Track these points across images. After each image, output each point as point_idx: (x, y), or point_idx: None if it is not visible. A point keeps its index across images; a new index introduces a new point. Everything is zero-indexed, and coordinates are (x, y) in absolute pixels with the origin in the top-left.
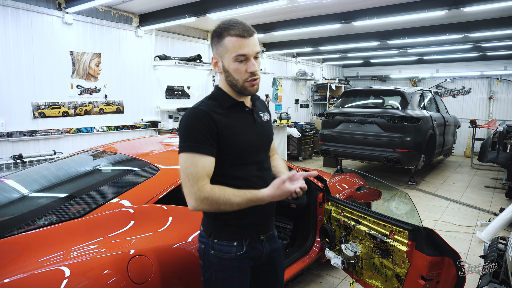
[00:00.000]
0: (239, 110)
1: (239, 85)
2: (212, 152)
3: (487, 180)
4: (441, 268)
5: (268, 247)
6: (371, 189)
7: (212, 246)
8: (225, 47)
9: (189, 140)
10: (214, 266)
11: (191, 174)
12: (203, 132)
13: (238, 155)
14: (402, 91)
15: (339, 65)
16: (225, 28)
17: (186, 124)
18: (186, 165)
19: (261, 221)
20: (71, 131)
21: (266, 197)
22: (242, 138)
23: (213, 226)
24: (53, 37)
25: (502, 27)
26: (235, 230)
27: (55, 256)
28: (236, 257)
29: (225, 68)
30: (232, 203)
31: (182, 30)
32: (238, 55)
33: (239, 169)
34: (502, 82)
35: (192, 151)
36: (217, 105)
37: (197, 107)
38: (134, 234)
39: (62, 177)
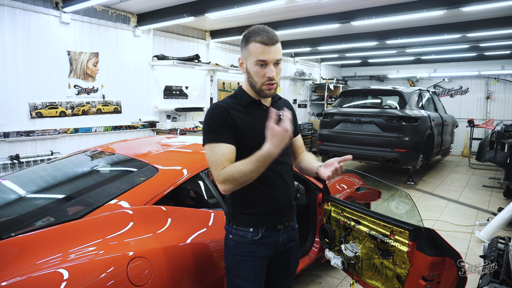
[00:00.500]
0: (256, 107)
1: (257, 87)
2: (231, 141)
3: (485, 179)
4: (442, 269)
5: (286, 237)
6: (371, 189)
7: (231, 231)
8: (249, 51)
9: (209, 132)
10: (231, 250)
11: (213, 163)
12: (220, 124)
13: (252, 148)
14: (400, 91)
15: (337, 65)
16: (252, 34)
17: (206, 119)
18: (209, 155)
19: (276, 211)
20: (69, 131)
21: (267, 149)
22: (255, 133)
23: (232, 214)
24: (50, 37)
25: (500, 27)
26: (250, 218)
27: (53, 258)
28: (251, 241)
29: (247, 70)
30: (245, 172)
31: (180, 29)
32: (259, 60)
33: None
34: (500, 82)
35: (212, 141)
36: (236, 102)
37: (216, 104)
38: (133, 236)
39: (59, 178)
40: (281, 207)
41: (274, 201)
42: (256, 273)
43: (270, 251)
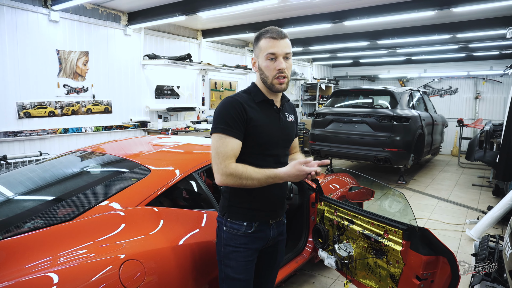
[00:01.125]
0: (268, 107)
1: (268, 81)
2: (240, 137)
3: (474, 178)
4: (436, 268)
5: (276, 232)
6: (364, 189)
7: (225, 223)
8: (260, 48)
9: (222, 123)
10: (224, 241)
11: (220, 153)
12: (234, 118)
13: (259, 145)
14: (391, 91)
15: (329, 65)
16: (262, 33)
17: (221, 110)
18: (217, 144)
19: (270, 208)
20: (58, 131)
21: (283, 174)
22: (265, 131)
23: (228, 207)
24: (39, 35)
25: (489, 28)
26: (246, 212)
27: (42, 262)
28: (243, 234)
29: (259, 66)
30: (253, 178)
31: (172, 29)
32: (269, 53)
33: (258, 158)
34: (488, 82)
35: (223, 132)
36: (250, 99)
37: (233, 97)
38: (125, 238)
39: (49, 179)
40: (276, 204)
41: (271, 198)
42: (247, 264)
43: (261, 244)
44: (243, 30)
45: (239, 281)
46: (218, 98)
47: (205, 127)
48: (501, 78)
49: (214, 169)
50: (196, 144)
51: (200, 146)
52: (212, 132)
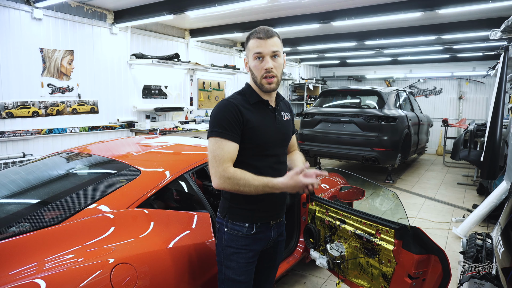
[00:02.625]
0: (263, 107)
1: (258, 81)
2: (237, 140)
3: (459, 177)
4: (428, 266)
5: (276, 232)
6: (355, 188)
7: (226, 224)
8: (248, 48)
9: (218, 126)
10: (225, 242)
11: (218, 156)
12: (231, 121)
13: (257, 146)
14: (379, 91)
15: (316, 65)
16: (251, 34)
17: (217, 113)
18: (214, 148)
19: (272, 209)
20: (42, 132)
21: (280, 184)
22: (262, 132)
23: (229, 208)
24: (21, 33)
25: (473, 29)
26: (247, 214)
27: (27, 268)
28: (245, 235)
29: (250, 67)
30: (250, 185)
31: (159, 28)
32: (256, 53)
33: (257, 159)
34: (471, 83)
35: (219, 136)
36: (245, 100)
37: (228, 100)
38: (115, 241)
39: (33, 182)
40: (277, 204)
41: (272, 199)
42: (248, 265)
43: (262, 245)
44: (231, 29)
45: (239, 283)
46: (207, 98)
47: (194, 127)
48: (484, 79)
49: (211, 173)
50: (186, 145)
51: (190, 146)
52: (209, 136)
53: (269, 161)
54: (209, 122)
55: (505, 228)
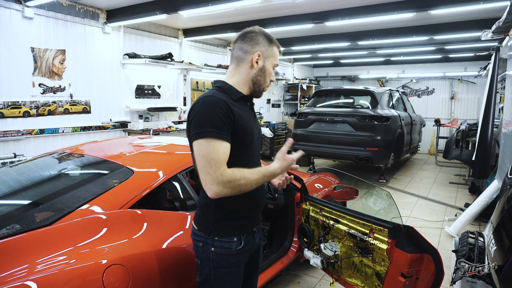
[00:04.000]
0: (243, 104)
1: (262, 87)
2: (229, 139)
3: (451, 176)
4: (421, 265)
5: (258, 238)
6: (348, 188)
7: (212, 243)
8: (273, 53)
9: (210, 126)
10: (214, 263)
11: (213, 160)
12: (222, 119)
13: (245, 144)
14: (372, 91)
15: (310, 65)
16: (274, 39)
17: (206, 111)
18: (208, 151)
19: (256, 213)
20: (33, 132)
21: (277, 169)
22: (250, 129)
23: (214, 223)
24: (12, 32)
25: (465, 30)
26: (234, 225)
27: (18, 270)
28: (235, 252)
29: (264, 68)
30: (251, 181)
31: (152, 27)
32: (276, 64)
33: (244, 158)
34: (463, 83)
35: (213, 137)
36: (228, 97)
37: (213, 95)
38: (108, 242)
39: (25, 183)
40: (260, 208)
41: (257, 202)
42: (239, 281)
43: (248, 255)
44: (224, 29)
45: None
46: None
47: None
48: (475, 79)
49: (206, 180)
50: (179, 145)
51: (183, 146)
52: (198, 137)
53: (254, 159)
54: (196, 121)
55: (497, 227)
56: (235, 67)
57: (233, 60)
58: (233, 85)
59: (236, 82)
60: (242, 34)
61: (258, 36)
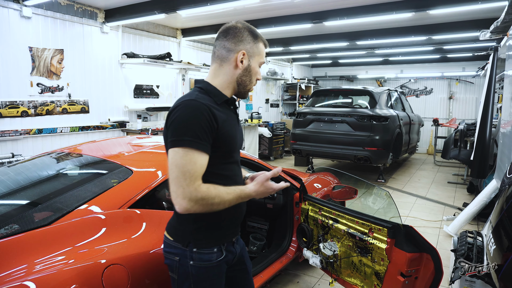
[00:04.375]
0: (227, 107)
1: (248, 87)
2: (209, 150)
3: (450, 176)
4: (420, 264)
5: (238, 248)
6: (347, 187)
7: (191, 256)
8: (259, 50)
9: (190, 134)
10: (194, 278)
11: (188, 172)
12: (204, 127)
13: (228, 153)
14: (370, 91)
15: (308, 65)
16: (259, 34)
17: (187, 117)
18: (184, 162)
19: (237, 223)
20: (32, 132)
21: (253, 192)
22: (233, 136)
23: (192, 233)
24: (10, 32)
25: (463, 30)
26: (215, 235)
27: (16, 270)
28: (216, 263)
29: (249, 67)
30: (225, 201)
31: (151, 27)
32: (263, 62)
33: (225, 167)
34: (461, 83)
35: (192, 146)
36: (211, 100)
37: (195, 99)
38: (107, 242)
39: (23, 183)
40: (241, 218)
41: (240, 212)
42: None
43: (228, 265)
44: None
45: None
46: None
47: None
48: (473, 79)
49: (177, 193)
50: None
51: None
52: (175, 146)
53: (235, 168)
54: (174, 127)
55: (496, 226)
56: (218, 67)
57: (215, 59)
58: (217, 86)
59: (219, 84)
60: (224, 30)
61: (242, 32)
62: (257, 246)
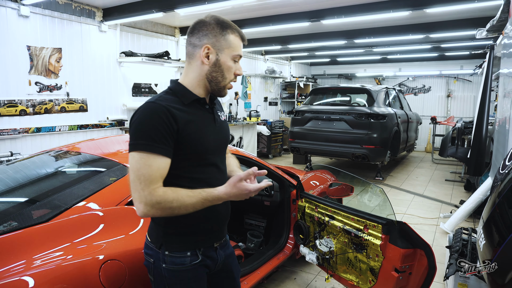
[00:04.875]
0: (199, 107)
1: (222, 84)
2: (169, 153)
3: (447, 174)
4: (414, 260)
5: (223, 254)
6: (344, 185)
7: (163, 259)
8: (229, 43)
9: (145, 138)
10: (168, 280)
11: (143, 176)
12: (160, 130)
13: (197, 155)
14: (368, 89)
15: (307, 63)
16: (229, 25)
17: (144, 120)
18: (138, 165)
19: (215, 228)
20: (30, 130)
21: (223, 195)
22: (203, 137)
23: (163, 236)
24: (8, 31)
25: (460, 29)
26: (188, 239)
27: (15, 266)
28: (190, 267)
29: (218, 63)
30: (187, 205)
31: (149, 26)
32: (237, 55)
33: (197, 170)
34: (459, 81)
35: (147, 150)
36: (177, 101)
37: (155, 102)
38: (105, 238)
39: (21, 180)
40: (221, 222)
41: (216, 216)
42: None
43: (210, 270)
44: None
45: None
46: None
47: None
48: (471, 77)
49: (134, 197)
50: None
51: None
52: (131, 150)
53: (210, 171)
54: (132, 131)
55: (486, 222)
56: (188, 65)
57: (186, 57)
58: (187, 85)
59: (189, 82)
60: (192, 26)
61: (207, 26)
62: (255, 243)
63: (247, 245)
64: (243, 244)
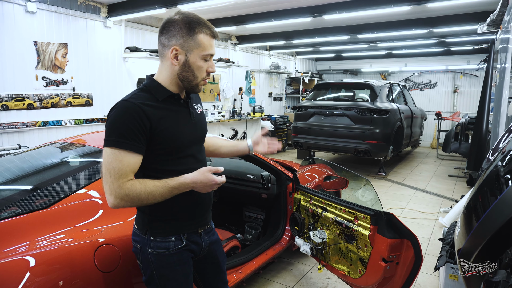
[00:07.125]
0: (174, 102)
1: (195, 82)
2: (140, 150)
3: (451, 169)
4: (400, 250)
5: (207, 240)
6: (339, 178)
7: (149, 244)
8: (198, 43)
9: (116, 135)
10: (154, 264)
11: (113, 170)
12: (132, 127)
13: (173, 149)
14: (371, 84)
15: (312, 59)
16: (198, 24)
17: (115, 117)
18: (110, 160)
19: (199, 214)
20: (37, 124)
21: (189, 181)
22: (178, 132)
23: (149, 223)
24: (15, 27)
25: (463, 23)
26: (172, 225)
27: (20, 246)
28: (175, 251)
29: (187, 63)
30: (154, 195)
31: (153, 21)
32: (208, 54)
33: (174, 162)
34: (465, 76)
35: (117, 146)
36: (151, 98)
37: (128, 100)
38: (103, 224)
39: (26, 169)
40: (204, 208)
41: (199, 203)
42: (187, 277)
43: (195, 254)
44: (224, 23)
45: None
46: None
47: None
48: (478, 72)
49: (105, 190)
50: None
51: None
52: (104, 145)
53: (187, 162)
54: (106, 128)
55: (465, 209)
56: (160, 63)
57: (159, 55)
58: (161, 82)
59: (163, 80)
60: (162, 25)
61: (175, 26)
62: (252, 235)
63: (245, 236)
64: (241, 235)
